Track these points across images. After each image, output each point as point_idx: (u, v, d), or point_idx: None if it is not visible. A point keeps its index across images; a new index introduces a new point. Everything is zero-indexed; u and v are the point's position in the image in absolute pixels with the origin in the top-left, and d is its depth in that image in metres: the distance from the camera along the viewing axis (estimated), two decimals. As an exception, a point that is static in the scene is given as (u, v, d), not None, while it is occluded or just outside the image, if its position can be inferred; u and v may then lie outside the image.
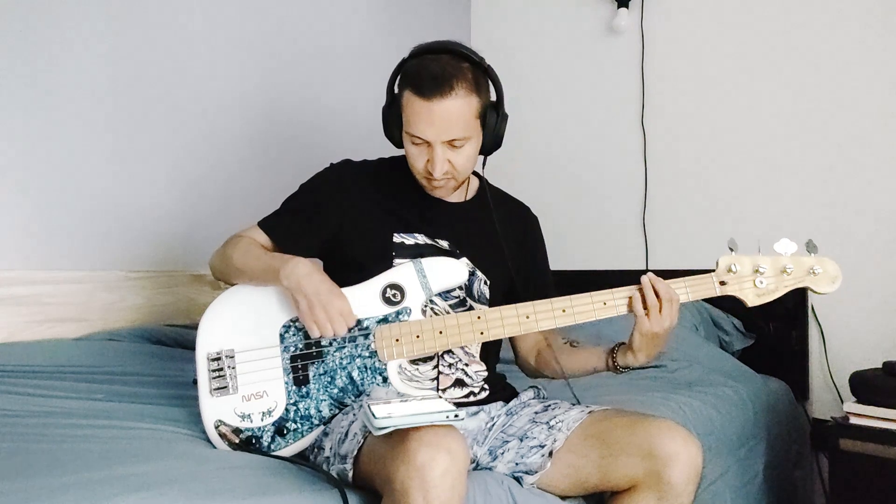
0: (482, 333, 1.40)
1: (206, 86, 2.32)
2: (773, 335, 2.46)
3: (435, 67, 1.37)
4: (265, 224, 1.53)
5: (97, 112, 2.06)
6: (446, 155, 1.41)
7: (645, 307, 1.37)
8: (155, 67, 2.19)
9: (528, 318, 1.40)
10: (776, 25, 2.54)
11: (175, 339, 2.02)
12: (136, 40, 2.15)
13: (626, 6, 2.81)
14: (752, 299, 1.40)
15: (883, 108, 2.33)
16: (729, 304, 1.43)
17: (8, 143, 1.89)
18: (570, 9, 3.03)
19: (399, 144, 1.49)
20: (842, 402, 2.21)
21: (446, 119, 1.38)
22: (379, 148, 1.64)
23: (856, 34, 2.38)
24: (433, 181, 1.45)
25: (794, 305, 2.40)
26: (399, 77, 1.45)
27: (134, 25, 2.14)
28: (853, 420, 1.86)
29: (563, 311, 1.40)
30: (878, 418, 1.82)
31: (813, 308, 2.42)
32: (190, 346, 1.89)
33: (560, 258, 2.69)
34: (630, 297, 1.39)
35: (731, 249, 1.41)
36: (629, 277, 2.77)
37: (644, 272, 2.82)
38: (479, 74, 1.42)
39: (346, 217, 1.49)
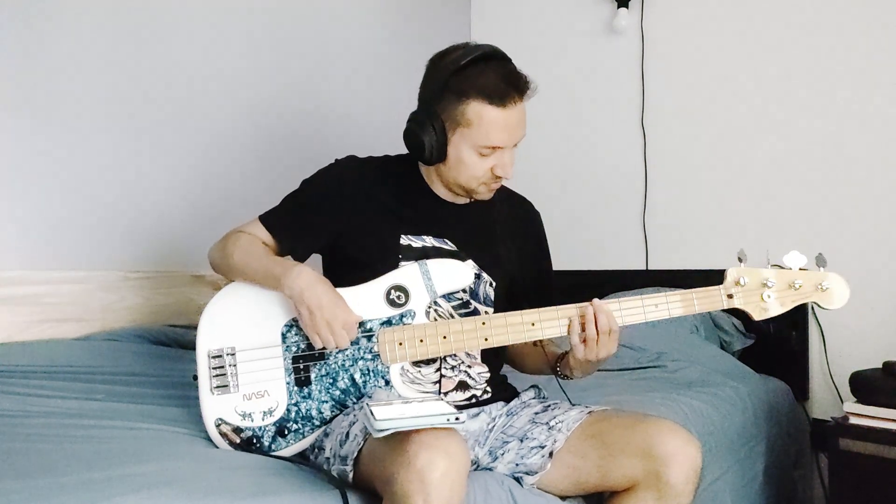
0: (486, 340, 1.39)
1: (207, 86, 2.32)
2: (773, 335, 2.46)
3: (503, 74, 1.37)
4: (266, 220, 1.50)
5: (97, 112, 2.06)
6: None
7: (582, 337, 1.35)
8: (156, 68, 2.19)
9: (533, 325, 1.38)
10: (777, 25, 2.54)
11: (175, 340, 2.02)
12: (137, 40, 2.14)
13: (626, 6, 2.81)
14: (758, 313, 1.39)
15: (883, 108, 2.33)
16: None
17: (8, 144, 1.89)
18: (570, 9, 3.02)
19: (437, 161, 1.43)
20: (842, 402, 2.21)
21: (521, 122, 1.41)
22: (381, 148, 1.64)
23: (859, 34, 2.38)
24: (492, 185, 1.45)
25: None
26: (448, 90, 1.38)
27: (135, 25, 2.14)
28: (853, 420, 1.86)
29: (571, 320, 1.38)
30: (878, 418, 1.82)
31: (813, 308, 2.41)
32: (190, 346, 1.89)
33: (560, 258, 2.69)
34: (570, 320, 1.36)
35: (741, 260, 1.39)
36: (629, 277, 2.78)
37: (644, 272, 2.84)
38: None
39: (350, 216, 1.47)
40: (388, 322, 1.40)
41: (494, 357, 1.53)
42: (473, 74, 1.37)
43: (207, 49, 2.33)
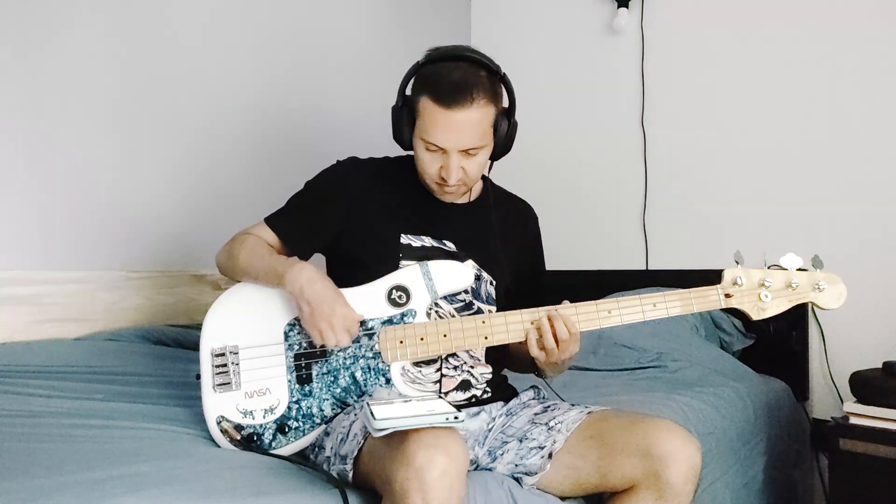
0: (486, 338, 1.40)
1: (208, 86, 2.32)
2: (773, 335, 2.46)
3: (456, 76, 1.37)
4: (271, 221, 1.53)
5: (98, 112, 2.06)
6: (461, 162, 1.41)
7: (541, 346, 1.37)
8: (156, 67, 2.19)
9: (532, 323, 1.39)
10: (777, 25, 2.54)
11: (175, 340, 2.02)
12: (136, 40, 2.14)
13: (626, 6, 2.81)
14: (756, 313, 1.41)
15: (884, 108, 2.33)
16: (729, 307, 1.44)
17: (9, 143, 1.89)
18: (570, 9, 3.03)
19: (408, 147, 1.48)
20: (842, 402, 2.21)
21: (465, 129, 1.38)
22: (379, 149, 1.64)
23: (858, 35, 2.38)
24: (445, 187, 1.45)
25: (794, 306, 2.41)
26: (414, 81, 1.44)
27: (135, 24, 2.14)
28: (853, 420, 1.86)
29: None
30: (878, 418, 1.82)
31: (813, 308, 2.41)
32: (190, 346, 1.90)
33: (560, 258, 2.70)
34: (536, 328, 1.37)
35: (737, 262, 1.41)
36: (629, 277, 2.78)
37: (644, 272, 2.83)
38: (496, 82, 1.42)
39: (351, 215, 1.49)
40: (390, 321, 1.41)
41: (497, 357, 1.54)
42: (434, 70, 1.40)
43: (208, 49, 2.33)
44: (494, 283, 1.53)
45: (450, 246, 1.50)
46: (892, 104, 2.31)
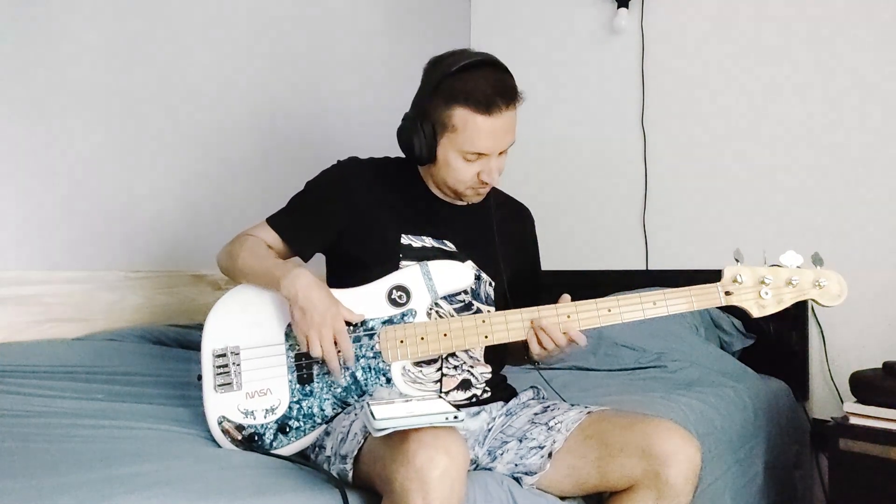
0: (486, 337, 1.41)
1: (208, 86, 2.32)
2: (773, 335, 2.46)
3: (492, 82, 1.38)
4: (273, 221, 1.54)
5: (98, 112, 2.06)
6: (498, 162, 1.45)
7: (541, 345, 1.39)
8: (156, 67, 2.19)
9: (532, 323, 1.40)
10: (777, 25, 2.54)
11: (175, 339, 2.02)
12: (137, 39, 2.14)
13: (626, 6, 2.81)
14: (756, 310, 1.41)
15: (883, 109, 2.33)
16: (729, 306, 1.44)
17: (8, 143, 1.89)
18: (570, 9, 3.03)
19: (427, 162, 1.46)
20: (842, 402, 2.21)
21: (507, 131, 1.42)
22: (379, 149, 1.65)
23: (859, 35, 2.38)
24: (481, 189, 1.47)
25: (794, 306, 2.40)
26: (435, 95, 1.41)
27: (134, 23, 2.14)
28: (853, 420, 1.86)
29: (568, 317, 1.40)
30: (878, 418, 1.82)
31: (813, 308, 2.41)
32: (190, 346, 1.90)
33: (560, 258, 2.71)
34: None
35: (737, 260, 1.42)
36: (629, 277, 2.77)
37: (644, 272, 2.83)
38: (512, 78, 1.44)
39: (352, 215, 1.49)
40: (390, 321, 1.41)
41: (496, 357, 1.54)
42: (462, 81, 1.39)
43: (208, 49, 2.33)
44: (493, 283, 1.53)
45: (450, 246, 1.51)
46: (892, 104, 2.31)
